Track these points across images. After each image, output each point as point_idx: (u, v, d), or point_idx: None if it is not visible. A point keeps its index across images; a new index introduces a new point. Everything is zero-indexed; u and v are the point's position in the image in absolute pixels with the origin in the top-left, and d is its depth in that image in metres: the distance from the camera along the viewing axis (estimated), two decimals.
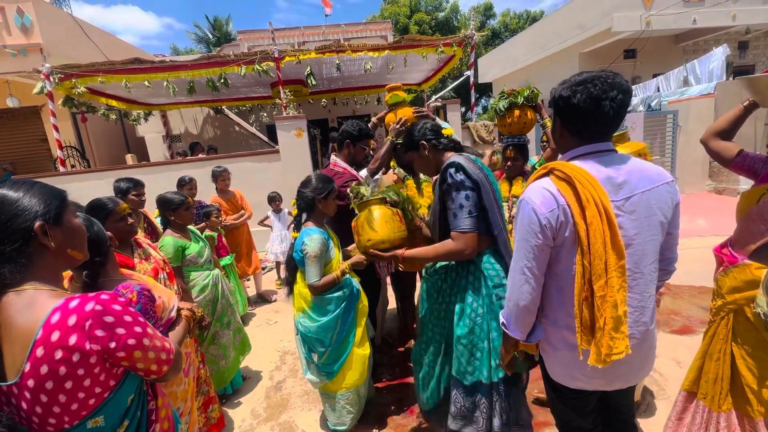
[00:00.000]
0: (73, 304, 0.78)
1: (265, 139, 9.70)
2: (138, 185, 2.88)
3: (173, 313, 1.41)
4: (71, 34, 7.89)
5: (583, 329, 1.11)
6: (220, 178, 4.15)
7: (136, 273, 1.51)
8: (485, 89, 20.60)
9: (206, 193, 4.36)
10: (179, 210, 2.42)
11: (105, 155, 9.33)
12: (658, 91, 8.81)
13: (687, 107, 7.36)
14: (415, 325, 3.36)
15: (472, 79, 6.80)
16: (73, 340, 0.75)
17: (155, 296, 1.36)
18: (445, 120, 6.27)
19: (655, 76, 9.68)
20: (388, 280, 2.97)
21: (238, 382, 2.78)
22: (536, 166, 2.54)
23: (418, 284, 3.05)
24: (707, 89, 7.45)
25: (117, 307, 0.82)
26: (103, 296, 0.82)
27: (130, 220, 1.88)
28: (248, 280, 4.66)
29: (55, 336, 0.74)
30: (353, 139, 2.42)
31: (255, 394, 2.71)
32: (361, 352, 2.08)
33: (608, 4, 9.40)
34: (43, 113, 8.03)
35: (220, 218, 3.66)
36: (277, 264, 4.94)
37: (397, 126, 2.59)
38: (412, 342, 3.04)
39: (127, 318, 0.83)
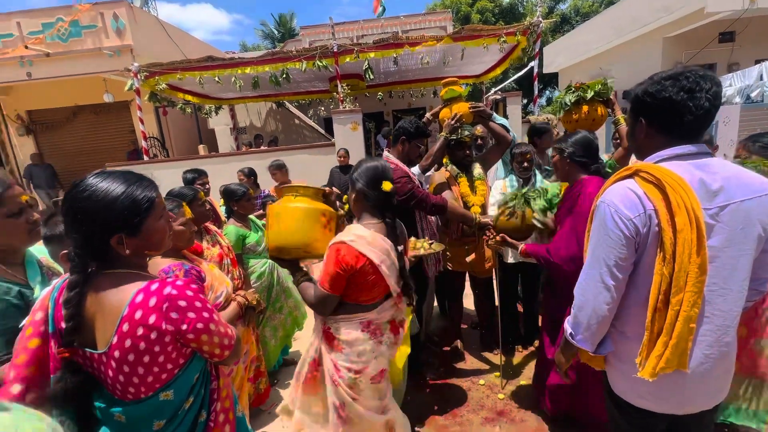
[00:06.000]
0: (154, 287, 0.87)
1: (322, 131, 10.02)
2: (202, 175, 3.15)
3: (221, 300, 1.51)
4: (155, 35, 8.71)
5: (650, 343, 1.04)
6: (283, 171, 4.35)
7: (197, 258, 1.63)
8: (550, 80, 19.32)
9: (268, 183, 4.58)
10: (241, 201, 2.59)
11: (181, 145, 10.25)
12: (761, 79, 7.62)
13: None
14: (464, 326, 3.30)
15: (536, 70, 6.40)
16: (152, 319, 0.84)
17: (204, 277, 1.47)
18: (504, 115, 5.99)
19: (757, 62, 8.35)
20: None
21: (280, 360, 2.94)
22: (608, 168, 2.33)
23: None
24: None
25: (189, 293, 0.90)
26: (179, 282, 0.90)
27: (208, 206, 2.10)
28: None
29: (138, 314, 0.83)
30: (409, 136, 2.40)
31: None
32: (402, 350, 2.08)
33: None
34: (132, 107, 9.01)
35: None
36: None
37: (452, 122, 2.52)
38: (459, 342, 2.99)
39: (197, 304, 0.90)
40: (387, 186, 1.50)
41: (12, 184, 1.18)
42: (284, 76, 6.26)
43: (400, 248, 1.53)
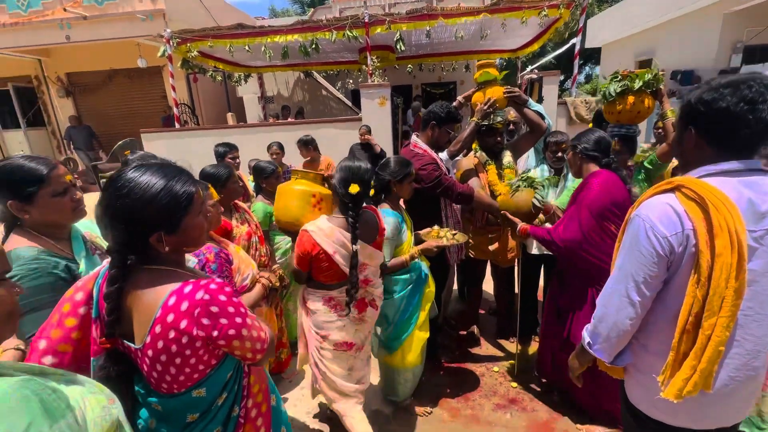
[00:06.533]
0: (187, 290, 0.85)
1: (349, 103, 9.91)
2: (233, 149, 3.21)
3: (247, 282, 1.57)
4: None
5: (675, 363, 1.02)
6: (312, 146, 4.37)
7: (224, 240, 1.69)
8: (591, 55, 18.11)
9: (294, 156, 4.61)
10: (270, 178, 2.64)
11: (211, 112, 10.40)
12: None
13: None
14: (482, 311, 3.33)
15: (578, 47, 6.01)
16: (183, 324, 0.83)
17: (232, 260, 1.53)
18: (540, 97, 5.72)
19: None
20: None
21: None
22: (646, 163, 2.21)
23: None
24: None
25: (222, 298, 0.88)
26: (212, 285, 0.88)
27: (241, 183, 2.17)
28: None
29: (170, 318, 0.83)
30: (439, 121, 2.34)
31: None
32: (421, 335, 2.14)
33: None
34: (164, 73, 9.14)
35: None
36: None
37: (485, 107, 2.44)
38: (475, 328, 3.02)
39: (230, 309, 0.88)
40: (353, 189, 1.64)
41: (57, 164, 1.23)
42: (314, 46, 6.16)
43: (356, 247, 1.66)
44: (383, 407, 2.33)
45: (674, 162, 2.33)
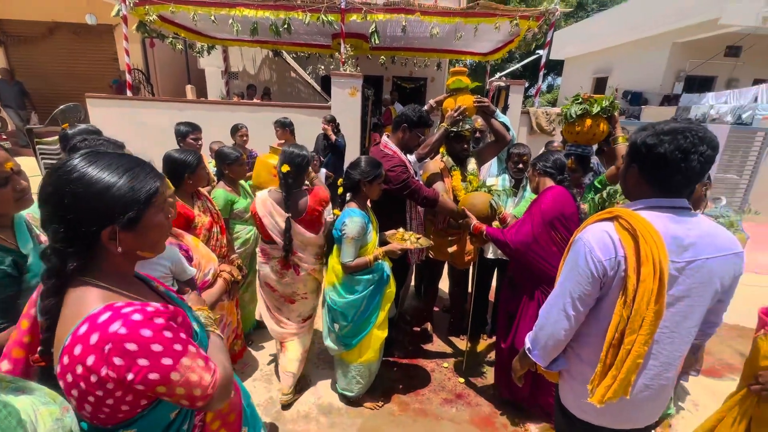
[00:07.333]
0: (103, 318, 0.69)
1: (318, 89, 9.65)
2: (196, 130, 3.04)
3: (209, 277, 1.53)
4: None
5: (602, 374, 1.15)
6: (289, 129, 4.25)
7: (186, 234, 1.62)
8: (555, 66, 19.00)
9: (256, 140, 4.44)
10: (234, 165, 2.54)
11: (167, 82, 9.70)
12: (756, 101, 7.78)
13: None
14: (436, 308, 3.46)
15: (544, 60, 6.29)
16: (90, 360, 0.67)
17: (192, 256, 1.48)
18: (506, 103, 5.94)
19: (756, 82, 8.50)
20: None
21: (254, 323, 3.01)
22: (596, 182, 2.40)
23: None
24: None
25: (146, 333, 0.69)
26: (136, 316, 0.70)
27: (207, 169, 2.09)
28: None
29: (78, 350, 0.68)
30: (411, 124, 2.38)
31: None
32: (379, 334, 2.20)
33: None
34: (116, 33, 8.38)
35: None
36: None
37: (455, 114, 2.51)
38: (429, 325, 3.14)
39: (156, 348, 0.70)
40: (284, 168, 2.06)
41: None
42: (285, 26, 5.92)
43: (287, 215, 2.08)
44: (336, 401, 2.38)
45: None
